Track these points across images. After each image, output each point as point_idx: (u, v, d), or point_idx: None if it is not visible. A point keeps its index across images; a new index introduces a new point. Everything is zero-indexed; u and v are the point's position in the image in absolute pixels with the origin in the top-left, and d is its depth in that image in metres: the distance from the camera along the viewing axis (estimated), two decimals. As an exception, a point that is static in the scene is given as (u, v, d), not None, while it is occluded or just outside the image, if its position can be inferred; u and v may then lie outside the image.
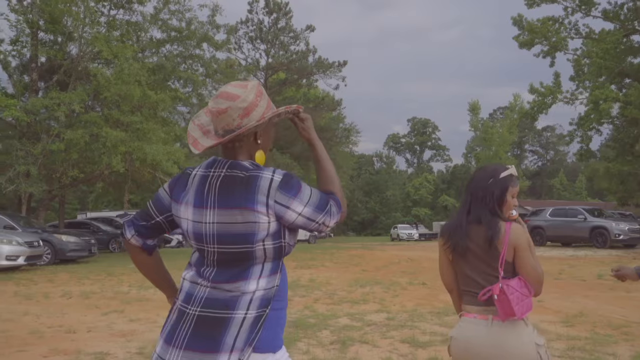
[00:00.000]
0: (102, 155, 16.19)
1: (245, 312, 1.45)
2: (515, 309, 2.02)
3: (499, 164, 2.39)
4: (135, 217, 1.69)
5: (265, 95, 1.60)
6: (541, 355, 2.08)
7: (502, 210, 2.22)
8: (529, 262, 2.13)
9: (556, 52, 27.37)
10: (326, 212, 1.54)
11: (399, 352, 4.91)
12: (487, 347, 2.11)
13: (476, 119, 68.21)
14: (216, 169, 1.57)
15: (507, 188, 2.22)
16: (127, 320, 6.70)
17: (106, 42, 16.61)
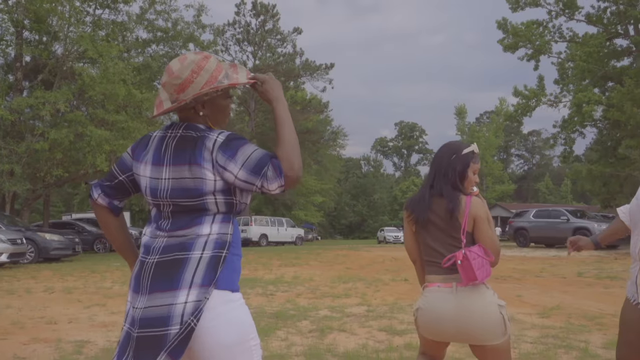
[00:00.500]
0: (86, 155, 16.15)
1: (201, 252, 1.56)
2: (477, 274, 2.16)
3: (462, 141, 2.52)
4: (102, 179, 1.80)
5: (207, 70, 1.63)
6: (503, 315, 2.25)
7: (464, 184, 2.36)
8: (488, 233, 2.27)
9: (540, 55, 27.75)
10: (262, 176, 1.54)
11: (375, 339, 5.01)
12: (454, 312, 2.24)
13: (463, 123, 68.77)
14: (173, 130, 1.67)
15: (468, 164, 2.36)
16: (109, 313, 6.72)
17: (91, 41, 16.60)
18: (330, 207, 56.14)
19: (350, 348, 4.51)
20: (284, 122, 1.66)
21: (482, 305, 2.23)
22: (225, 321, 1.57)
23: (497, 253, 2.29)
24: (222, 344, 1.56)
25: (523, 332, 5.34)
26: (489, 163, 64.94)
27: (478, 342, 2.25)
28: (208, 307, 1.53)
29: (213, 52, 28.06)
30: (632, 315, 2.33)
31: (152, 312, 1.54)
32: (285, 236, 31.86)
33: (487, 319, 2.22)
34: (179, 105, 1.63)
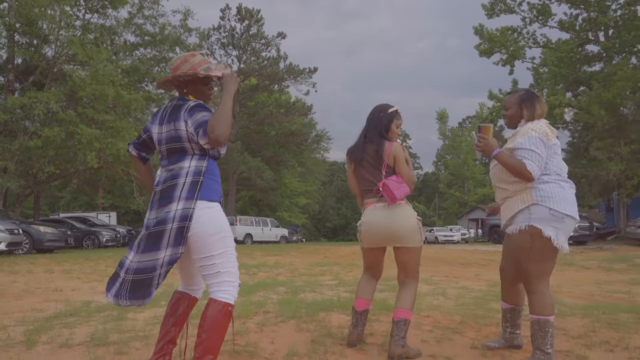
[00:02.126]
0: (77, 152, 16.83)
1: (185, 178, 2.49)
2: (395, 193, 3.14)
3: (388, 104, 3.41)
4: (133, 141, 2.82)
5: (191, 62, 2.61)
6: (420, 226, 3.22)
7: (388, 134, 3.32)
8: (404, 169, 3.23)
9: (515, 60, 28.90)
10: (198, 132, 2.42)
11: (340, 296, 5.86)
12: (385, 222, 3.21)
13: (444, 128, 70.09)
14: (172, 102, 2.66)
15: (392, 120, 3.34)
16: (107, 286, 7.49)
17: (81, 45, 17.28)
18: (315, 209, 56.93)
19: (317, 299, 5.36)
20: (223, 104, 2.49)
21: (404, 217, 3.19)
22: (207, 218, 2.47)
23: (412, 182, 3.24)
24: (205, 233, 2.46)
25: (466, 293, 6.25)
26: (470, 167, 66.32)
27: (400, 244, 3.19)
28: (195, 212, 2.44)
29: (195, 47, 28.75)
30: (505, 239, 3.29)
31: (159, 218, 2.46)
32: (269, 236, 32.60)
33: (407, 225, 3.18)
34: (167, 78, 2.65)
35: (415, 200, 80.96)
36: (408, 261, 3.23)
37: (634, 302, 5.54)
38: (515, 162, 2.97)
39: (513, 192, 3.06)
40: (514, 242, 3.06)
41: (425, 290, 6.55)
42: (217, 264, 2.49)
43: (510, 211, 3.08)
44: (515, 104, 3.21)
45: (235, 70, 38.83)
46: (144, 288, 2.45)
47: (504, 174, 3.10)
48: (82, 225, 22.45)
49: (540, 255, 2.99)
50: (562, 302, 5.29)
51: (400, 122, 3.37)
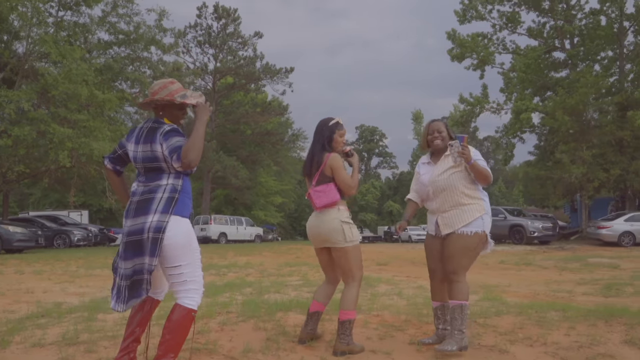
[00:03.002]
0: (49, 151, 16.80)
1: (162, 194, 2.79)
2: (315, 201, 3.57)
3: (330, 117, 3.75)
4: (109, 154, 3.11)
5: (168, 89, 2.92)
6: (344, 228, 3.53)
7: (331, 145, 3.68)
8: (340, 176, 3.58)
9: (485, 65, 29.67)
10: (171, 156, 2.71)
11: (302, 296, 6.22)
12: (315, 226, 3.64)
13: (419, 128, 70.98)
14: (147, 123, 2.96)
15: (333, 131, 3.68)
16: (78, 287, 7.71)
17: (54, 43, 17.24)
18: (291, 208, 57.18)
19: (279, 300, 5.70)
20: (196, 131, 2.79)
21: (327, 219, 3.56)
22: (178, 231, 2.79)
23: (349, 187, 3.58)
24: (177, 245, 2.78)
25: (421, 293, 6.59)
26: (443, 167, 67.38)
27: (329, 244, 3.58)
28: (169, 225, 2.74)
29: (174, 53, 28.78)
30: (432, 242, 3.70)
31: (135, 227, 2.76)
32: (244, 235, 32.79)
33: (329, 227, 3.54)
34: (145, 101, 2.97)
35: (391, 199, 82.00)
36: (339, 260, 3.58)
37: (570, 301, 6.02)
38: (485, 169, 3.61)
39: (468, 202, 3.60)
40: (465, 241, 3.55)
41: (384, 290, 6.94)
42: (184, 273, 2.82)
43: (467, 218, 3.58)
44: (444, 127, 3.79)
45: (211, 69, 38.91)
46: (135, 290, 2.77)
47: (467, 183, 3.62)
48: (53, 225, 22.37)
49: (476, 255, 3.63)
50: (504, 301, 5.73)
51: (343, 132, 3.71)
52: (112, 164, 3.05)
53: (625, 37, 26.76)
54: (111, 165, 3.05)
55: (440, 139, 3.73)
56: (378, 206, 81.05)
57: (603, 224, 20.82)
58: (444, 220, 3.65)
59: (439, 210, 3.69)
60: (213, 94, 38.73)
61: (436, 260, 3.73)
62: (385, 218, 79.69)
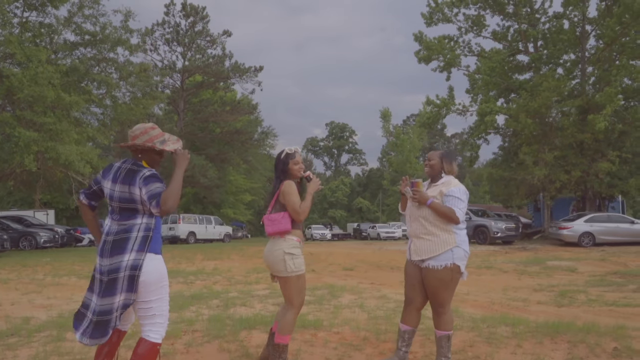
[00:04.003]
0: (14, 155, 16.55)
1: (137, 233, 2.97)
2: (266, 229, 3.78)
3: (286, 148, 3.95)
4: (84, 189, 3.27)
5: (149, 134, 3.10)
6: (286, 259, 3.71)
7: (287, 175, 3.87)
8: (289, 202, 3.74)
9: (451, 67, 30.25)
10: (151, 202, 2.87)
11: (267, 310, 6.44)
12: (265, 253, 3.87)
13: (388, 126, 71.77)
14: (125, 164, 3.12)
15: (287, 162, 3.90)
16: (46, 298, 7.75)
17: (19, 44, 16.95)
18: (260, 205, 57.16)
19: (244, 315, 5.90)
20: (175, 179, 3.01)
21: (272, 248, 3.78)
22: (152, 268, 2.97)
23: (296, 213, 3.70)
24: (150, 281, 2.96)
25: (383, 304, 6.92)
26: (412, 164, 68.24)
27: (274, 272, 3.81)
28: (144, 262, 2.93)
29: (142, 51, 28.54)
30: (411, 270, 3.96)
31: (112, 266, 2.93)
32: (213, 234, 32.73)
33: (273, 257, 3.76)
34: (126, 145, 3.11)
35: (360, 196, 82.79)
36: (281, 287, 3.80)
37: (522, 313, 6.39)
38: (446, 210, 3.73)
39: (438, 233, 3.80)
40: (438, 275, 3.76)
41: (347, 301, 7.20)
42: (153, 308, 3.00)
43: (435, 251, 3.78)
44: (437, 157, 4.00)
45: (179, 67, 38.57)
46: (103, 329, 2.93)
47: (434, 216, 3.82)
48: (19, 226, 22.06)
49: (454, 285, 3.83)
50: (460, 314, 6.06)
51: (296, 159, 3.88)
52: (87, 199, 3.17)
53: (587, 40, 27.61)
54: (87, 201, 3.17)
55: (428, 167, 4.00)
56: (348, 203, 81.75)
57: (564, 225, 21.55)
58: (415, 247, 3.89)
59: (413, 235, 3.94)
60: (181, 92, 38.47)
61: (415, 290, 3.92)
62: (355, 215, 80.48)
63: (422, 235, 3.82)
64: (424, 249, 3.80)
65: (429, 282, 3.79)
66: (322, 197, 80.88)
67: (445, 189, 3.83)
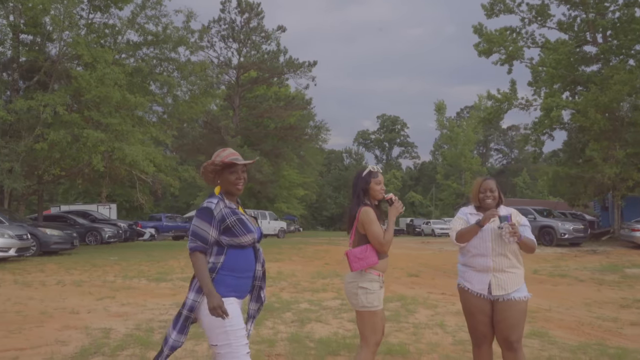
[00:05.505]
0: (82, 155, 17.09)
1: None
2: (352, 265, 3.47)
3: (364, 167, 3.69)
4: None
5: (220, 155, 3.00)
6: (359, 293, 3.44)
7: (366, 197, 3.59)
8: (371, 233, 3.46)
9: (513, 60, 29.12)
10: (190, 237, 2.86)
11: (345, 328, 6.23)
12: (345, 282, 3.61)
13: (442, 118, 70.30)
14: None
15: (368, 181, 3.60)
16: (120, 305, 7.84)
17: (86, 45, 17.42)
18: (312, 199, 57.33)
19: (323, 335, 5.72)
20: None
21: (349, 280, 3.54)
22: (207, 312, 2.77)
23: (380, 245, 3.44)
24: (209, 326, 2.79)
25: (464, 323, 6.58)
26: (467, 158, 66.72)
27: (350, 304, 3.57)
28: (202, 304, 2.78)
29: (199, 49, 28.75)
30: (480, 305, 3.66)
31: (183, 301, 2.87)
32: (268, 229, 32.99)
33: (348, 290, 3.54)
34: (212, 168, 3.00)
35: (412, 190, 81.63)
36: (357, 322, 3.58)
37: (619, 339, 5.91)
38: (530, 242, 3.63)
39: (519, 265, 3.65)
40: (520, 307, 3.56)
41: (425, 317, 6.91)
42: (222, 354, 2.78)
43: (519, 283, 3.60)
44: (497, 187, 3.77)
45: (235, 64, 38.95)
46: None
47: (517, 248, 3.62)
48: (85, 221, 22.87)
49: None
50: (552, 339, 5.66)
51: (378, 179, 3.59)
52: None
53: (661, 29, 25.93)
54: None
55: (491, 198, 3.72)
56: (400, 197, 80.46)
57: (638, 227, 20.37)
58: (499, 282, 3.59)
59: (495, 269, 3.63)
60: (237, 89, 38.86)
61: (487, 326, 3.64)
62: (407, 209, 79.43)
63: (507, 269, 3.59)
64: (510, 283, 3.58)
65: (511, 316, 3.52)
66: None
67: (518, 220, 3.67)
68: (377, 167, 3.63)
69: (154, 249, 19.72)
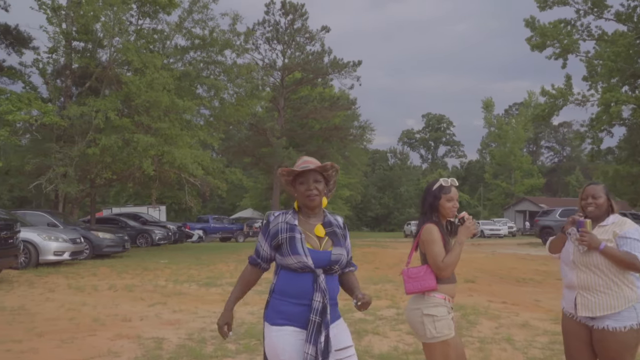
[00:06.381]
0: (133, 159, 17.39)
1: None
2: (406, 286, 3.08)
3: (436, 179, 3.24)
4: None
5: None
6: (425, 322, 3.00)
7: (435, 214, 3.15)
8: (429, 252, 3.05)
9: (568, 54, 27.94)
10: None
11: (405, 342, 5.88)
12: (406, 310, 3.22)
13: (490, 116, 68.54)
14: None
15: (437, 196, 3.15)
16: (171, 311, 7.74)
17: (136, 51, 17.70)
18: (357, 200, 56.88)
19: (383, 350, 5.39)
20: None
21: (411, 307, 3.12)
22: (266, 342, 2.52)
23: (438, 269, 3.01)
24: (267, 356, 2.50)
25: (534, 338, 6.12)
26: (517, 156, 64.77)
27: (415, 336, 3.20)
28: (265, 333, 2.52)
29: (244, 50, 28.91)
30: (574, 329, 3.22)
31: None
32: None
33: (411, 319, 3.10)
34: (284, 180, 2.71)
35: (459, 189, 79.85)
36: (425, 355, 3.11)
37: None
38: (624, 255, 3.01)
39: (617, 286, 3.06)
40: (619, 339, 3.01)
41: (489, 330, 6.48)
42: None
43: (614, 307, 3.05)
44: (603, 194, 3.24)
45: (279, 66, 39.00)
46: None
47: (609, 264, 3.08)
48: (135, 224, 23.33)
49: (637, 350, 3.05)
50: None
51: (450, 195, 3.14)
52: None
53: None
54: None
55: (594, 205, 3.21)
56: (446, 197, 79.35)
57: None
58: (585, 301, 3.12)
59: (580, 286, 3.18)
60: (281, 90, 38.90)
61: (583, 354, 3.18)
62: (454, 209, 77.80)
63: (598, 288, 3.07)
64: (598, 305, 3.06)
65: (608, 347, 3.03)
66: (419, 191, 79.10)
67: (619, 230, 3.09)
68: (449, 181, 3.16)
69: (203, 251, 19.85)
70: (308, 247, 2.52)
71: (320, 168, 2.62)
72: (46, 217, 15.14)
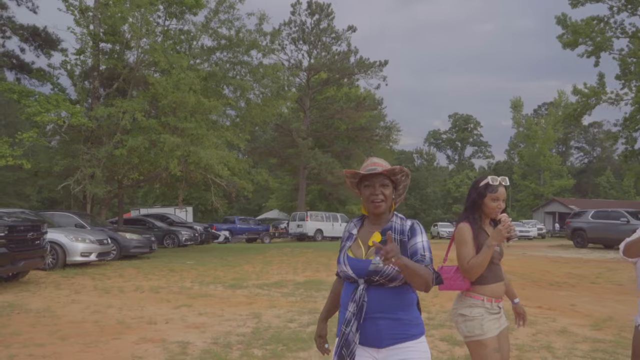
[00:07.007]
0: (160, 160, 17.44)
1: None
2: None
3: (485, 176, 3.04)
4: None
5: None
6: (458, 321, 2.93)
7: (477, 213, 2.97)
8: (458, 254, 2.90)
9: (601, 52, 27.15)
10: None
11: (438, 349, 5.62)
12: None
13: (518, 116, 67.32)
14: None
15: (482, 194, 2.95)
16: (197, 314, 7.61)
17: (163, 52, 17.76)
18: (383, 200, 56.43)
19: (416, 358, 5.14)
20: None
21: (452, 309, 3.04)
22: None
23: (465, 271, 2.86)
24: None
25: (575, 346, 5.80)
26: (546, 157, 63.43)
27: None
28: None
29: (270, 51, 28.88)
30: None
31: None
32: (339, 231, 32.60)
33: (452, 319, 3.02)
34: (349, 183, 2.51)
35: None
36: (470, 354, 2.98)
37: None
38: None
39: None
40: None
41: (526, 337, 6.17)
42: None
43: None
44: None
45: (305, 66, 38.90)
46: None
47: None
48: (162, 224, 23.46)
49: None
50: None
51: (496, 195, 2.94)
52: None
53: None
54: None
55: None
56: (473, 198, 78.17)
57: None
58: None
59: None
60: (307, 90, 38.81)
61: None
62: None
63: None
64: None
65: None
66: (446, 192, 78.18)
67: None
68: (499, 179, 2.95)
69: (229, 252, 19.81)
70: (350, 256, 2.36)
71: (388, 171, 2.36)
72: (74, 218, 15.26)
